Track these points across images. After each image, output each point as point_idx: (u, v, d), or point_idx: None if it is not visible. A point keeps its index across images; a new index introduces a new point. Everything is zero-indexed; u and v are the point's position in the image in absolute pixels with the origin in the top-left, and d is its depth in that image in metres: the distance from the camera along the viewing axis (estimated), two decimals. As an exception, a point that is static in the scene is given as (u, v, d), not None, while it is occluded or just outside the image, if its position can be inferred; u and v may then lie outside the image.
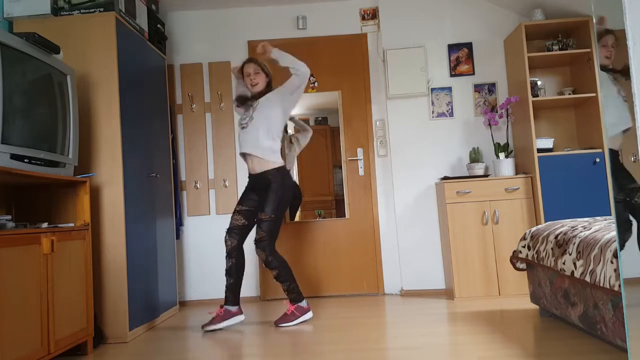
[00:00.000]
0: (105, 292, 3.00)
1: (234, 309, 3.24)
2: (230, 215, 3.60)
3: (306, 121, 4.42)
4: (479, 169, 3.97)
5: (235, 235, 3.27)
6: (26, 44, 2.45)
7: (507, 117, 4.07)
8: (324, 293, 4.20)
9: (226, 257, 3.27)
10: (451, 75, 4.27)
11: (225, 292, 3.25)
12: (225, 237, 3.29)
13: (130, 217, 3.11)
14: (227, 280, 3.26)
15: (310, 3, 4.40)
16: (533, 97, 3.83)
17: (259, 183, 3.26)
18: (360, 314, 3.25)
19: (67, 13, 3.12)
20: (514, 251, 3.10)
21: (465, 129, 4.23)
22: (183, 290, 4.24)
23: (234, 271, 3.25)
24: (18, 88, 2.42)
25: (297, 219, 4.30)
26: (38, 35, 2.51)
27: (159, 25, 3.92)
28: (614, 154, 1.63)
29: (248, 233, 3.34)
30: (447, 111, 4.25)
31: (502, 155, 3.92)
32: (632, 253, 1.58)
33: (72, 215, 2.85)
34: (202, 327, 3.21)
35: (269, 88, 3.38)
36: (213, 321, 3.19)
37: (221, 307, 3.24)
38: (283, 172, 3.27)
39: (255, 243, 3.20)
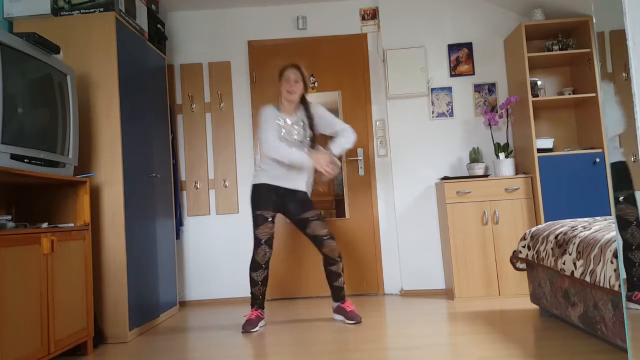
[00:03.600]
0: (105, 292, 3.00)
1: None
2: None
3: None
4: (479, 169, 3.97)
5: (271, 246, 3.20)
6: (26, 44, 2.45)
7: (507, 117, 4.07)
8: (324, 293, 4.19)
9: (263, 268, 3.15)
10: (451, 75, 4.27)
11: (261, 297, 3.20)
12: (265, 248, 3.14)
13: (130, 217, 3.11)
14: (259, 286, 3.17)
15: (310, 3, 4.40)
16: (533, 97, 3.83)
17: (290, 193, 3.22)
18: (360, 314, 3.25)
19: (67, 13, 3.11)
20: (514, 251, 3.10)
21: (465, 129, 4.23)
22: (183, 290, 4.24)
23: (266, 280, 3.21)
24: (18, 88, 2.42)
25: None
26: (38, 35, 2.51)
27: (159, 25, 3.92)
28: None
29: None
30: (447, 111, 4.25)
31: (502, 155, 3.92)
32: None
33: (72, 215, 2.85)
34: (247, 331, 3.12)
35: (303, 98, 3.28)
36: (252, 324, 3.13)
37: (258, 310, 3.20)
38: None
39: (329, 237, 3.16)
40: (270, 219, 3.17)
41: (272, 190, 3.20)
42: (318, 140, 3.33)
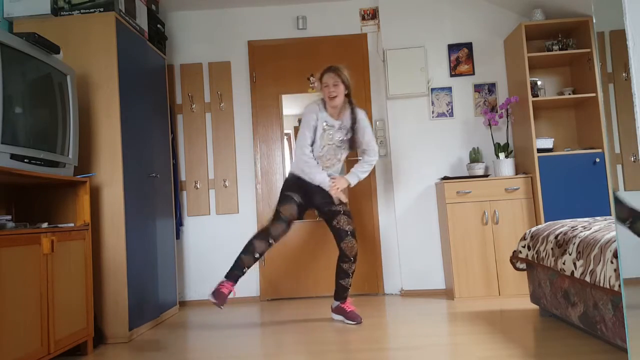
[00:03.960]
0: (105, 292, 3.00)
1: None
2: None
3: None
4: (479, 169, 3.97)
5: (289, 226, 3.18)
6: (26, 44, 2.45)
7: (507, 117, 4.07)
8: (324, 293, 4.20)
9: (268, 242, 3.13)
10: (451, 75, 4.27)
11: (246, 269, 3.16)
12: (284, 225, 3.15)
13: (130, 217, 3.11)
14: (249, 256, 3.14)
15: (310, 3, 4.40)
16: (533, 97, 3.83)
17: (317, 189, 3.24)
18: (360, 314, 3.25)
19: (67, 13, 3.12)
20: (514, 251, 3.10)
21: (465, 129, 4.23)
22: (183, 290, 4.24)
23: (262, 255, 3.18)
24: (18, 88, 2.42)
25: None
26: (38, 35, 2.51)
27: (159, 25, 3.92)
28: None
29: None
30: (447, 111, 4.25)
31: (502, 155, 3.92)
32: (632, 253, 1.58)
33: (72, 215, 2.85)
34: (216, 304, 3.09)
35: (348, 99, 3.26)
36: (219, 298, 3.08)
37: (230, 282, 3.14)
38: None
39: (351, 235, 3.19)
40: (296, 201, 3.19)
41: (302, 181, 3.24)
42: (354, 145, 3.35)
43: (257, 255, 3.15)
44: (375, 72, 4.36)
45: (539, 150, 3.78)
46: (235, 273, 3.17)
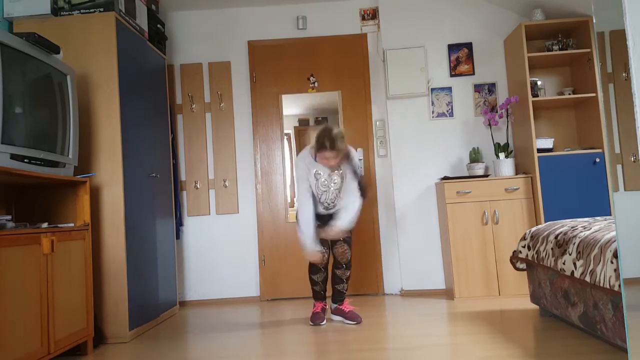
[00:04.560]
0: (105, 292, 3.00)
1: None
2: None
3: (306, 121, 4.46)
4: (479, 169, 3.97)
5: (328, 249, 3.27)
6: (26, 44, 2.45)
7: (507, 117, 4.07)
8: (324, 293, 4.20)
9: (322, 271, 3.26)
10: (451, 75, 4.27)
11: (323, 293, 3.34)
12: (323, 249, 3.21)
13: (130, 217, 3.11)
14: (320, 285, 3.31)
15: (310, 3, 4.40)
16: (533, 97, 3.83)
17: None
18: (360, 314, 3.25)
19: (67, 13, 3.12)
20: (514, 251, 3.10)
21: (465, 129, 4.23)
22: (183, 290, 4.24)
23: (326, 280, 3.34)
24: (18, 88, 2.42)
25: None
26: (38, 35, 2.51)
27: (159, 25, 3.92)
28: None
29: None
30: (447, 111, 4.25)
31: (502, 155, 3.92)
32: (632, 253, 1.58)
33: (72, 215, 2.85)
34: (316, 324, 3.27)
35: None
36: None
37: (322, 302, 3.36)
38: None
39: (343, 242, 3.24)
40: (322, 248, 3.23)
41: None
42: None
43: (321, 283, 3.31)
44: (375, 72, 4.36)
45: (539, 150, 3.78)
46: (319, 298, 3.35)
